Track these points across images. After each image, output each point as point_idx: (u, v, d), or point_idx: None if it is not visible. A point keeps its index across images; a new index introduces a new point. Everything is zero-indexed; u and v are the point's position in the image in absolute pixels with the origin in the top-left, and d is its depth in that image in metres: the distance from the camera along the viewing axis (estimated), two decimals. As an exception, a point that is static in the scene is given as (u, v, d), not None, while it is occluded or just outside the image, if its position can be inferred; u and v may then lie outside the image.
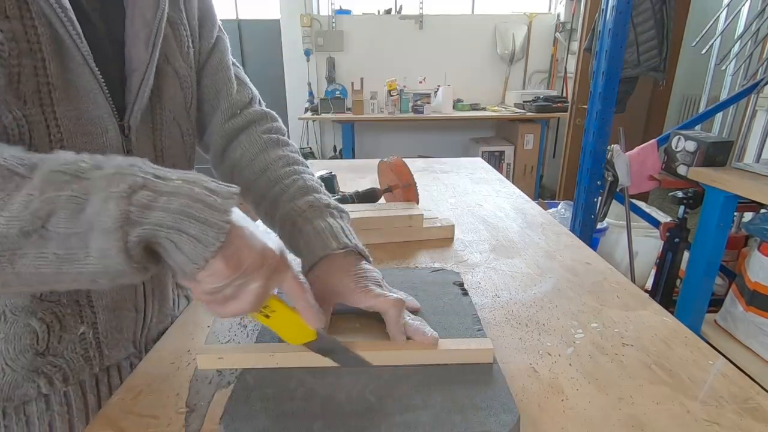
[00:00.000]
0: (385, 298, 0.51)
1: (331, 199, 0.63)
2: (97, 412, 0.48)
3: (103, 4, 0.51)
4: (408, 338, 0.51)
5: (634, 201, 2.14)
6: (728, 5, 2.23)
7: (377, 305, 0.51)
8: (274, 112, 0.73)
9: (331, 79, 4.28)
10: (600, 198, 1.91)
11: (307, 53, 4.25)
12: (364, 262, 0.57)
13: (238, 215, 0.39)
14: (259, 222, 0.68)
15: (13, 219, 0.32)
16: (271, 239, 0.42)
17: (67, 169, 0.34)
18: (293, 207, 0.60)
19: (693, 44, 2.05)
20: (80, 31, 0.45)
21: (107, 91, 0.50)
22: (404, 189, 1.05)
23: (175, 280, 0.68)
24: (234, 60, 0.71)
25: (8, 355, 0.51)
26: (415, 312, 0.58)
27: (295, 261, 0.53)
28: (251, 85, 0.73)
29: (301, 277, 0.45)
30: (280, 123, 0.74)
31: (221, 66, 0.68)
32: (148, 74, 0.54)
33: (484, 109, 4.26)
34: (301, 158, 0.69)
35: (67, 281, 0.36)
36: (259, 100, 0.73)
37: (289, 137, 0.73)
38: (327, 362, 0.49)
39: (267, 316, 0.46)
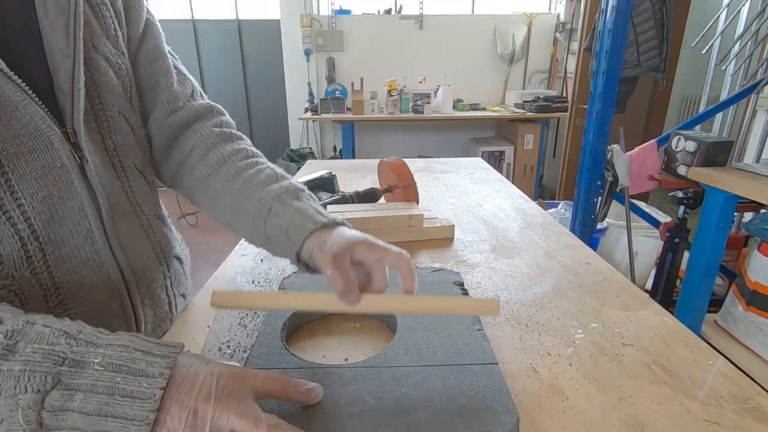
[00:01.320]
0: (392, 249, 0.48)
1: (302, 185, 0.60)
2: None
3: None
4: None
5: (634, 201, 2.14)
6: (728, 5, 2.23)
7: (386, 257, 0.47)
8: (219, 105, 0.69)
9: (331, 79, 4.28)
10: (600, 198, 1.91)
11: (307, 53, 4.25)
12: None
13: (174, 380, 0.35)
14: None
15: None
16: (211, 387, 0.36)
17: None
18: (267, 192, 0.55)
19: (693, 44, 2.05)
20: None
21: (37, 99, 0.45)
22: (404, 189, 1.05)
23: (166, 283, 0.66)
24: (170, 49, 0.66)
25: None
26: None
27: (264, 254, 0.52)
28: (191, 77, 0.68)
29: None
30: (228, 116, 0.70)
31: (157, 54, 0.62)
32: (77, 67, 0.48)
33: (484, 109, 4.26)
34: (258, 151, 0.66)
35: None
36: (201, 93, 0.69)
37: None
38: (341, 308, 0.46)
39: None
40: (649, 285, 2.23)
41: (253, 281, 0.78)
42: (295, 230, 0.51)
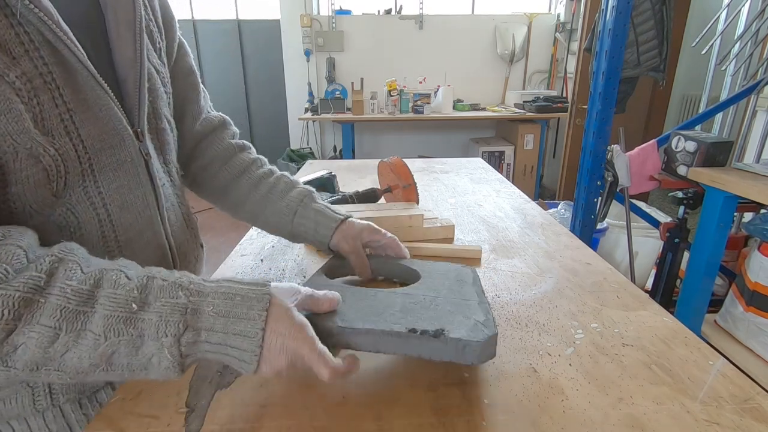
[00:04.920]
0: (386, 234, 0.73)
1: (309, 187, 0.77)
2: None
3: (84, 15, 0.51)
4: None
5: (634, 201, 2.14)
6: (728, 5, 2.23)
7: (382, 239, 0.72)
8: (227, 117, 0.81)
9: (331, 79, 4.28)
10: (600, 198, 1.91)
11: (307, 53, 4.24)
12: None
13: (271, 316, 0.44)
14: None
15: (84, 358, 0.39)
16: (295, 329, 0.45)
17: (121, 312, 0.40)
18: (290, 199, 0.73)
19: (693, 44, 2.04)
20: (82, 50, 0.47)
21: (117, 101, 0.52)
22: (404, 189, 1.05)
23: (197, 266, 0.75)
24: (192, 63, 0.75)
25: None
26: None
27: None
28: (205, 89, 0.79)
29: (318, 347, 0.46)
30: (234, 126, 0.82)
31: (190, 71, 0.73)
32: (143, 75, 0.55)
33: (484, 109, 4.26)
34: (264, 158, 0.81)
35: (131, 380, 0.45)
36: (210, 105, 0.80)
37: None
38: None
39: None
40: (649, 285, 2.23)
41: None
42: (323, 228, 0.71)
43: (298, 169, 1.68)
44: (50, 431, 0.55)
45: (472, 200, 1.24)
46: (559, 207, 2.45)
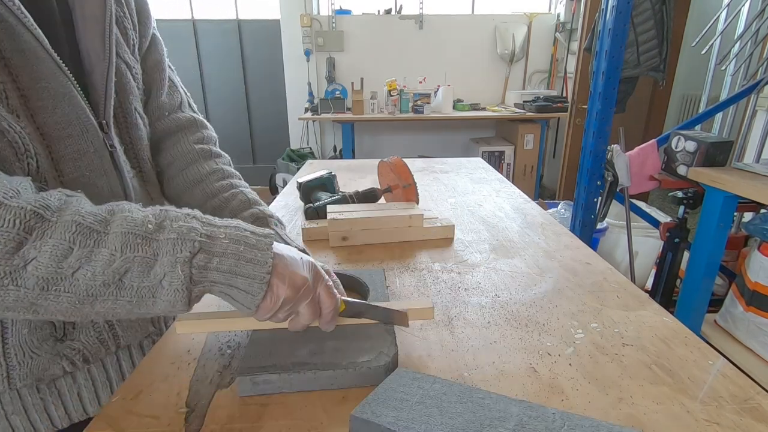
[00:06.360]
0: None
1: (271, 211, 0.69)
2: (122, 384, 0.54)
3: (49, 9, 0.52)
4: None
5: (634, 201, 2.14)
6: (728, 5, 2.23)
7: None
8: (203, 119, 0.77)
9: (331, 79, 4.28)
10: (600, 198, 1.91)
11: (307, 53, 4.24)
12: None
13: (276, 252, 0.46)
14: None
15: (98, 274, 0.39)
16: (301, 265, 0.49)
17: (138, 231, 0.41)
18: (242, 219, 0.64)
19: (693, 44, 2.05)
20: (44, 38, 0.47)
21: (81, 92, 0.52)
22: (404, 189, 1.05)
23: None
24: (168, 62, 0.73)
25: (33, 345, 0.55)
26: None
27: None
28: (183, 89, 0.76)
29: (328, 278, 0.52)
30: (211, 131, 0.77)
31: (157, 67, 0.70)
32: (110, 70, 0.56)
33: (484, 109, 4.26)
34: (234, 171, 0.74)
35: (134, 317, 0.44)
36: (190, 104, 0.76)
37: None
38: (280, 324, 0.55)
39: None
40: (649, 285, 2.23)
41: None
42: None
43: (298, 169, 1.68)
44: (5, 412, 0.56)
45: (472, 200, 1.24)
46: (559, 207, 2.45)
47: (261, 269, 0.44)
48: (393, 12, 4.29)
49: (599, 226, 2.10)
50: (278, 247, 0.48)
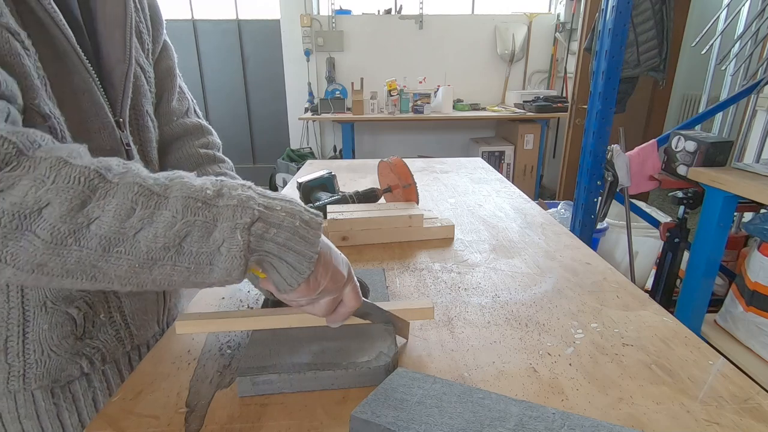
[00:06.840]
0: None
1: None
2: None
3: (72, 13, 0.53)
4: None
5: (634, 201, 2.14)
6: (728, 5, 2.23)
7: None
8: (209, 125, 0.79)
9: (331, 79, 4.28)
10: (600, 198, 1.91)
11: (307, 53, 4.24)
12: None
13: (321, 243, 0.47)
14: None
15: (160, 236, 0.39)
16: (341, 261, 0.50)
17: (198, 196, 0.41)
18: None
19: (693, 44, 2.04)
20: (72, 34, 0.49)
21: (102, 89, 0.54)
22: (404, 189, 1.05)
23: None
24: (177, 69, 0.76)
25: (53, 342, 0.55)
26: None
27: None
28: (189, 95, 0.79)
29: (355, 282, 0.53)
30: (216, 137, 0.80)
31: (169, 73, 0.73)
32: (129, 72, 0.58)
33: (484, 109, 4.26)
34: (237, 177, 0.75)
35: (190, 286, 0.44)
36: (195, 111, 0.79)
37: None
38: (280, 323, 0.57)
39: None
40: (649, 285, 2.23)
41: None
42: None
43: (298, 168, 1.68)
44: (19, 415, 0.56)
45: (472, 200, 1.24)
46: (559, 207, 2.45)
47: (312, 248, 0.44)
48: (393, 12, 4.29)
49: (599, 226, 2.10)
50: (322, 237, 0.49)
